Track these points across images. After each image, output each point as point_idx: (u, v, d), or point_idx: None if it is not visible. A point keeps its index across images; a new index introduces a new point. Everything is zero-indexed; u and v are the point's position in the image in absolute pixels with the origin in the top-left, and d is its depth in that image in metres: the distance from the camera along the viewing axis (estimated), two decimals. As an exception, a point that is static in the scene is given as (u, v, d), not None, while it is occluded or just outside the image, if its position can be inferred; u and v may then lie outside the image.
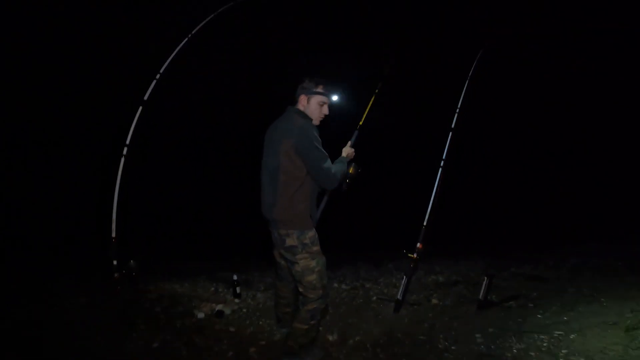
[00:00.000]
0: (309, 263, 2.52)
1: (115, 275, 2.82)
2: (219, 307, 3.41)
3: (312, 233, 2.55)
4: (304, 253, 2.51)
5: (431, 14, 6.21)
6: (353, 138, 3.08)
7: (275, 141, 2.52)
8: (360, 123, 3.21)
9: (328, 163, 2.50)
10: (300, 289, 2.58)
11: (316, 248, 2.56)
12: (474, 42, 3.77)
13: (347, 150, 2.82)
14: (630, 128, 6.35)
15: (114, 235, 2.86)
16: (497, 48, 3.80)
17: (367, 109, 3.28)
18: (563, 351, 2.51)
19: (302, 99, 2.61)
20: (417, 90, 6.28)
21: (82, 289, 3.42)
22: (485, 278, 3.27)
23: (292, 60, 6.06)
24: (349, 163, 2.80)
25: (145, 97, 3.07)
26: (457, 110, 3.52)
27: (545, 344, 2.64)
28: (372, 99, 3.33)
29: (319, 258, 2.56)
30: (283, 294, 2.91)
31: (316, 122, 2.62)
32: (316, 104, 2.61)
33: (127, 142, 2.98)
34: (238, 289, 3.69)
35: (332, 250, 2.91)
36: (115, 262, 2.83)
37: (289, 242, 2.51)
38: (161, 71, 3.13)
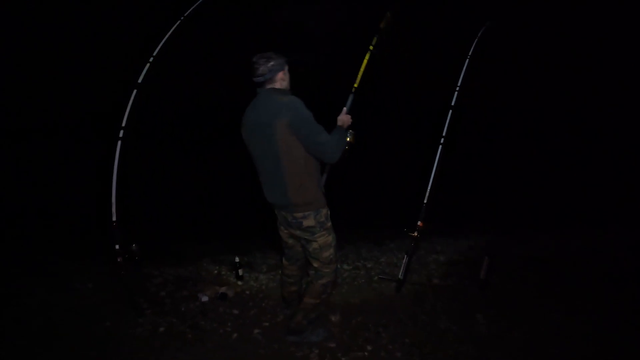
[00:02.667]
0: (326, 239, 2.55)
1: (118, 259, 2.82)
2: (222, 289, 3.45)
3: (325, 210, 2.55)
4: (322, 231, 2.52)
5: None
6: (348, 103, 2.80)
7: (264, 126, 2.37)
8: (355, 85, 2.91)
9: (326, 135, 2.36)
10: (316, 265, 2.60)
11: (329, 223, 2.58)
12: (476, 19, 3.67)
13: (343, 119, 2.59)
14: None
15: (114, 219, 2.84)
16: (498, 27, 3.70)
17: (362, 69, 2.93)
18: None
19: (280, 75, 2.45)
20: (418, 52, 6.13)
21: (88, 275, 3.47)
22: (486, 258, 3.29)
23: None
24: (347, 131, 2.58)
25: (140, 80, 3.00)
26: (457, 88, 3.45)
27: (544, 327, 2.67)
28: (367, 56, 2.96)
29: (333, 233, 2.59)
30: (291, 272, 2.90)
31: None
32: (288, 74, 2.51)
33: (123, 124, 2.93)
34: (240, 272, 3.72)
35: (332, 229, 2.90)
36: (117, 247, 2.82)
37: (307, 223, 2.50)
38: (154, 54, 3.04)
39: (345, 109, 2.73)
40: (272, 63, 2.41)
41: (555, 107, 6.69)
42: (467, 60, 3.49)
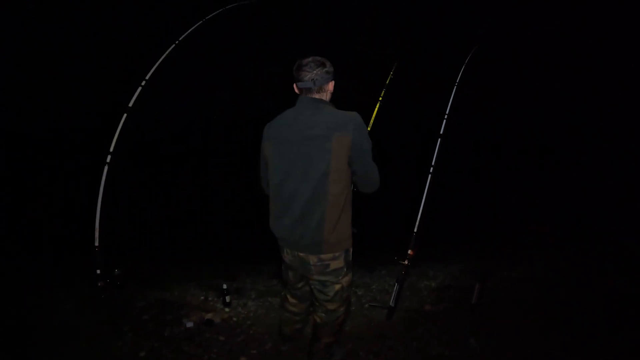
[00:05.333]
0: (349, 278, 2.24)
1: (99, 283, 2.75)
2: (209, 315, 3.34)
3: (352, 248, 2.22)
4: (347, 270, 2.19)
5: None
6: None
7: (319, 139, 1.95)
8: (368, 129, 3.10)
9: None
10: (333, 307, 2.26)
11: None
12: (461, 48, 3.79)
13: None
14: (625, 130, 6.38)
15: (97, 244, 2.80)
16: (484, 51, 3.82)
17: (373, 117, 3.17)
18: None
19: (331, 86, 2.12)
20: (410, 92, 6.29)
21: (68, 297, 3.37)
22: (477, 284, 3.25)
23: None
24: None
25: (130, 104, 3.02)
26: (446, 116, 3.50)
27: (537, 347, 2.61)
28: (377, 106, 3.24)
29: (352, 270, 2.28)
30: (299, 310, 2.54)
31: None
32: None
33: (111, 149, 2.92)
34: (228, 298, 3.62)
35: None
36: (98, 271, 2.76)
37: (335, 265, 2.12)
38: (147, 78, 3.08)
39: None
40: (326, 69, 2.05)
41: (547, 128, 6.76)
42: (455, 87, 3.56)
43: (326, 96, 2.12)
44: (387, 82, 3.43)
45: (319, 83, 2.04)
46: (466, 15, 6.54)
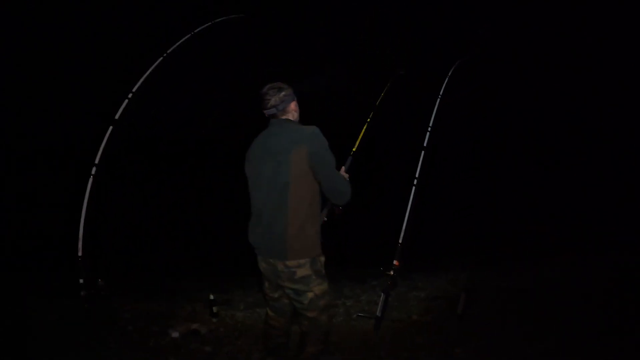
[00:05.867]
0: (323, 286, 2.29)
1: (82, 293, 2.75)
2: (195, 326, 3.33)
3: (323, 258, 2.30)
4: (318, 279, 2.25)
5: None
6: (347, 164, 2.94)
7: (280, 152, 2.17)
8: (354, 149, 3.10)
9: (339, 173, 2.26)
10: (312, 315, 2.31)
11: (324, 271, 2.32)
12: (445, 60, 3.85)
13: (342, 175, 2.51)
14: (606, 141, 6.42)
15: (80, 254, 2.80)
16: (467, 66, 3.88)
17: (360, 136, 3.19)
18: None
19: (293, 106, 2.33)
20: (397, 107, 6.35)
21: (52, 307, 3.35)
22: (463, 294, 3.26)
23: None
24: None
25: (117, 117, 3.04)
26: (429, 129, 3.53)
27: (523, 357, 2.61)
28: (365, 127, 3.25)
29: (326, 280, 2.33)
30: (278, 324, 2.55)
31: None
32: (298, 106, 2.39)
33: (96, 161, 2.94)
34: (215, 309, 3.60)
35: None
36: (81, 281, 2.77)
37: (301, 272, 2.20)
38: (134, 90, 3.11)
39: (343, 167, 2.88)
40: (283, 93, 2.29)
41: (532, 138, 6.78)
42: (439, 99, 3.61)
43: (292, 115, 2.34)
44: (377, 102, 3.41)
45: (281, 107, 2.28)
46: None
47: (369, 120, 3.28)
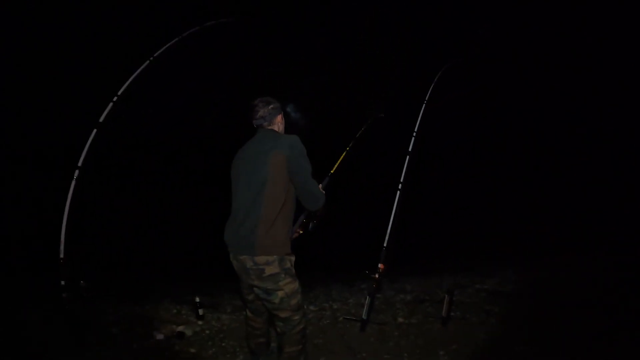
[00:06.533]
0: (293, 286, 2.37)
1: (64, 295, 2.74)
2: (180, 328, 3.31)
3: (293, 258, 2.41)
4: (287, 278, 2.33)
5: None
6: (325, 182, 2.97)
7: (260, 154, 2.35)
8: (332, 171, 3.10)
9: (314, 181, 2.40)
10: (284, 315, 2.38)
11: (294, 270, 2.42)
12: (431, 65, 3.87)
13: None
14: (595, 145, 6.47)
15: (62, 255, 2.79)
16: (458, 68, 3.91)
17: (339, 161, 3.17)
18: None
19: (279, 119, 2.54)
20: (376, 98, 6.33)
21: (33, 309, 3.31)
22: (446, 296, 3.29)
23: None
24: None
25: (101, 120, 3.03)
26: (414, 134, 3.55)
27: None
28: (343, 154, 3.23)
29: (297, 279, 2.42)
30: (257, 325, 2.66)
31: None
32: (284, 120, 2.60)
33: (79, 164, 2.93)
34: (200, 311, 3.58)
35: (306, 271, 2.83)
36: (63, 283, 2.75)
37: (270, 270, 2.28)
38: (119, 93, 3.10)
39: (321, 185, 2.84)
40: (271, 106, 2.50)
41: (516, 139, 6.81)
42: (424, 105, 3.64)
43: (277, 127, 2.55)
44: (358, 135, 3.33)
45: (268, 119, 2.50)
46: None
47: (348, 148, 3.26)
